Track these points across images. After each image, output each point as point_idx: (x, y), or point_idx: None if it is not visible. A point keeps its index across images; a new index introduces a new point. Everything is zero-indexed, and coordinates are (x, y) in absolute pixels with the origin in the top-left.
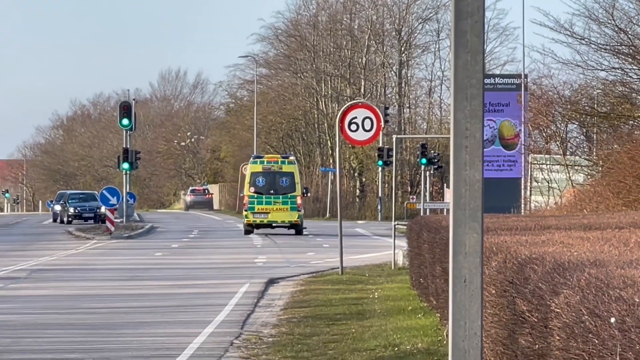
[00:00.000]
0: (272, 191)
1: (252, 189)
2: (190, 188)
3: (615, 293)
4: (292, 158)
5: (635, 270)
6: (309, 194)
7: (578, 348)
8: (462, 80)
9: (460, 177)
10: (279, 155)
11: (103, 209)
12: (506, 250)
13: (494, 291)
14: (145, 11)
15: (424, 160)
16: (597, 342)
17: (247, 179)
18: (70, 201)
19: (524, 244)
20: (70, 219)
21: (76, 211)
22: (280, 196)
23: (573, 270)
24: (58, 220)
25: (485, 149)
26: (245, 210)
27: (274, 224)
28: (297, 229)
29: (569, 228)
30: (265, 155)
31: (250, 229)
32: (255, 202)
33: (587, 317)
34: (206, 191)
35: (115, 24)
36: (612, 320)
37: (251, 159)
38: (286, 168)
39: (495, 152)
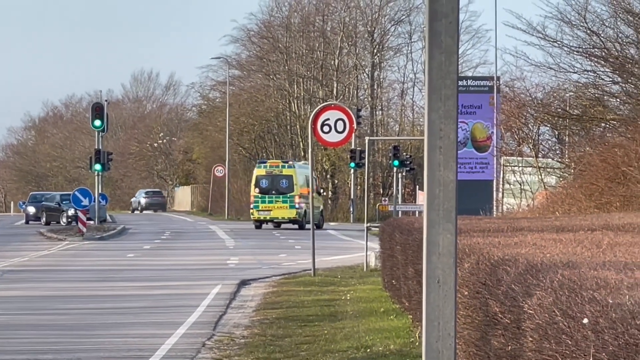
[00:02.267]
0: (273, 192)
1: (257, 190)
2: (145, 190)
3: (588, 294)
4: (291, 162)
5: (608, 272)
6: (324, 194)
7: (551, 349)
8: (436, 81)
9: (434, 178)
10: (280, 161)
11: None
12: (479, 252)
13: (466, 293)
14: (118, 12)
15: (396, 162)
16: (570, 343)
17: (253, 181)
18: (63, 202)
19: (497, 245)
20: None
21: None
22: (281, 196)
23: (546, 271)
24: (42, 221)
25: (458, 152)
26: (251, 209)
27: (275, 220)
28: (299, 224)
29: (541, 230)
30: (268, 161)
31: (259, 224)
32: (260, 201)
33: (560, 318)
34: (160, 193)
35: (87, 24)
36: (585, 321)
37: (257, 164)
38: (286, 172)
39: (467, 154)
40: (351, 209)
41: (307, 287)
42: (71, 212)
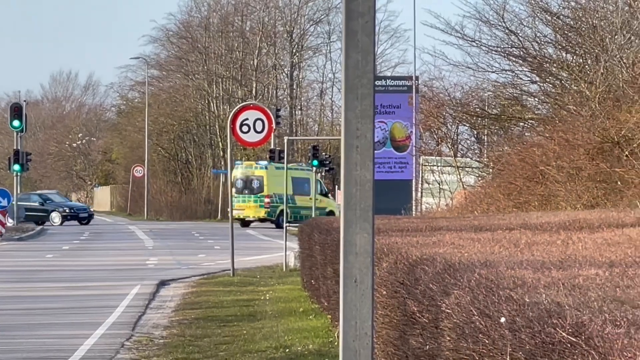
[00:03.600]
0: (246, 191)
1: (233, 190)
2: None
3: (505, 293)
4: (265, 163)
5: (525, 271)
6: (329, 195)
7: (468, 348)
8: (353, 80)
9: (351, 177)
10: (253, 162)
11: None
12: (397, 252)
13: (385, 292)
14: (36, 11)
15: (315, 162)
16: (487, 342)
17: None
18: (48, 202)
19: (415, 245)
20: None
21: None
22: (252, 195)
23: (463, 270)
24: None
25: (376, 151)
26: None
27: (246, 219)
28: (274, 222)
29: (459, 229)
30: (244, 162)
31: (243, 224)
32: (235, 201)
33: (477, 317)
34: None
35: (5, 24)
36: (502, 320)
37: (235, 165)
38: (257, 172)
39: (386, 154)
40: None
41: (226, 287)
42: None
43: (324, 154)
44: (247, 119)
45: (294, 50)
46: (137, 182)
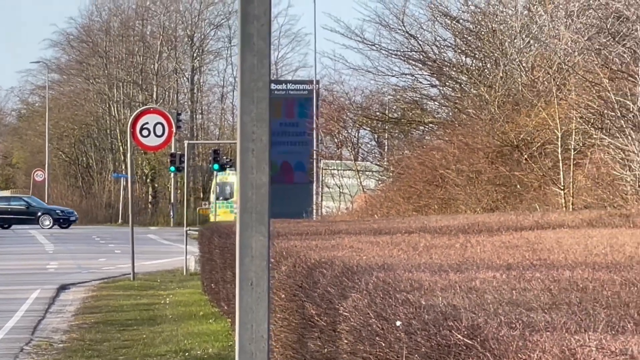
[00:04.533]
0: (221, 197)
1: (213, 196)
2: None
3: (402, 296)
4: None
5: (423, 274)
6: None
7: (365, 351)
8: (248, 84)
9: (247, 181)
10: (229, 170)
11: None
12: (296, 255)
13: (283, 295)
14: None
15: (216, 166)
16: (384, 345)
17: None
18: None
19: (314, 248)
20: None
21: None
22: (225, 201)
23: (361, 274)
24: None
25: (270, 154)
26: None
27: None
28: None
29: (359, 233)
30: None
31: None
32: (216, 207)
33: (374, 320)
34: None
35: None
36: (398, 323)
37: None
38: (230, 179)
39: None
40: (171, 213)
41: (127, 291)
42: None
43: (225, 157)
44: (147, 123)
45: (195, 54)
46: (38, 186)
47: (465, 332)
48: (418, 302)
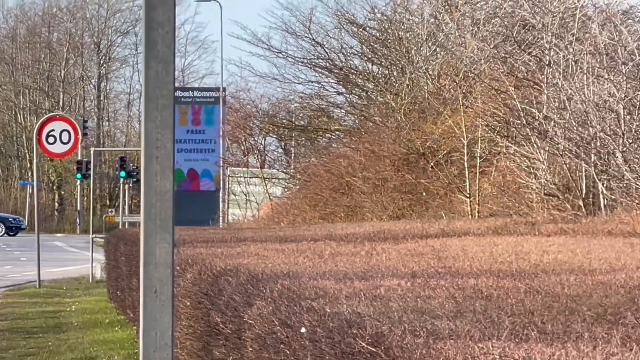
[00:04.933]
0: None
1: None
2: None
3: (307, 304)
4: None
5: (328, 281)
6: None
7: (270, 359)
8: (153, 91)
9: (151, 188)
10: None
11: None
12: (201, 262)
13: (189, 303)
14: None
15: (123, 174)
16: (288, 352)
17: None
18: None
19: (220, 256)
20: None
21: None
22: None
23: (267, 281)
24: None
25: (175, 161)
26: None
27: None
28: None
29: (265, 240)
30: None
31: None
32: None
33: (279, 327)
34: None
35: None
36: (303, 330)
37: None
38: None
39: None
40: (78, 220)
41: (32, 298)
42: None
43: (131, 165)
44: (53, 130)
45: (102, 62)
46: None
47: (370, 340)
48: (323, 310)
